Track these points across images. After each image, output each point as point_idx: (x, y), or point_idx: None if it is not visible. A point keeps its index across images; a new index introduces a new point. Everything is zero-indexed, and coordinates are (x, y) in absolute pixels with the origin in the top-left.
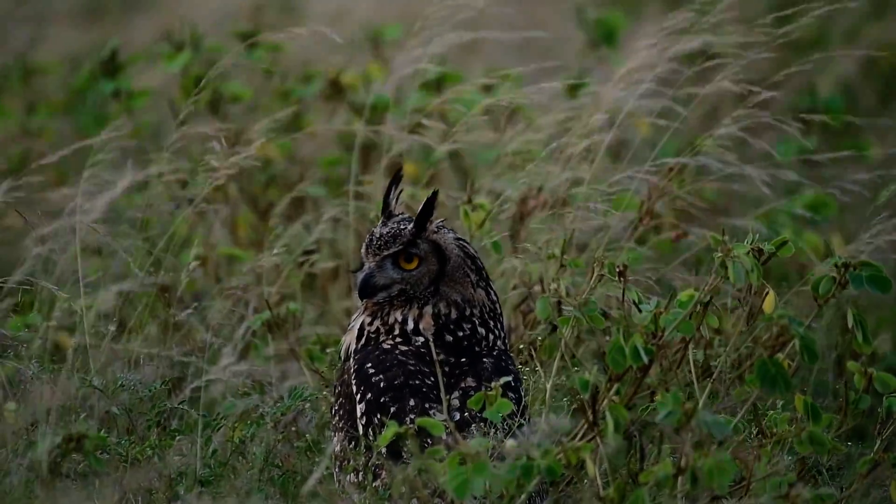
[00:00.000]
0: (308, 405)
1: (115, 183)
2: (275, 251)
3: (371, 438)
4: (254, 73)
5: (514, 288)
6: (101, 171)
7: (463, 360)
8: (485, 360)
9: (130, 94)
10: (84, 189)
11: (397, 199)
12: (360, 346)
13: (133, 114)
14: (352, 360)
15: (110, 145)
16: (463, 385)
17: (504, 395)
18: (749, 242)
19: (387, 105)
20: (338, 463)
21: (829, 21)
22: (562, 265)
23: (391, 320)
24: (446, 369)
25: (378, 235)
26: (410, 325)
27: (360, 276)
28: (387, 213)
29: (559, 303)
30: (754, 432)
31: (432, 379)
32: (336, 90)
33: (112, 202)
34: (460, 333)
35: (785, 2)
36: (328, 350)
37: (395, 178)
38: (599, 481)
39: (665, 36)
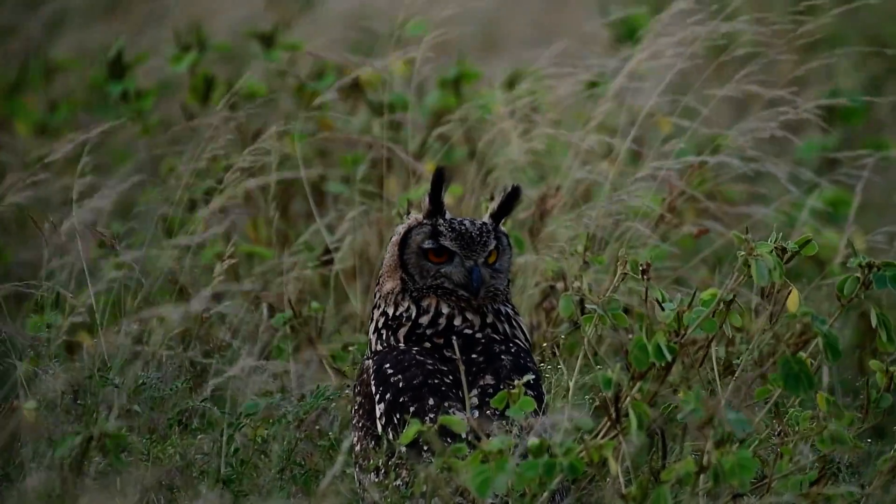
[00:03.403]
0: (331, 404)
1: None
2: (293, 251)
3: (391, 438)
4: (271, 74)
5: (537, 285)
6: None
7: (474, 356)
8: (503, 357)
9: (138, 94)
10: (97, 185)
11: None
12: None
13: (142, 114)
14: (370, 360)
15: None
16: (481, 383)
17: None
18: (773, 241)
19: (405, 104)
20: (358, 462)
21: (848, 19)
22: (585, 262)
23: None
24: (463, 367)
25: (477, 233)
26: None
27: (476, 273)
28: (441, 210)
29: (582, 301)
30: (776, 430)
31: (451, 378)
32: (355, 88)
33: (123, 198)
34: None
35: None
36: (350, 349)
37: (440, 175)
38: (622, 479)
39: (684, 31)
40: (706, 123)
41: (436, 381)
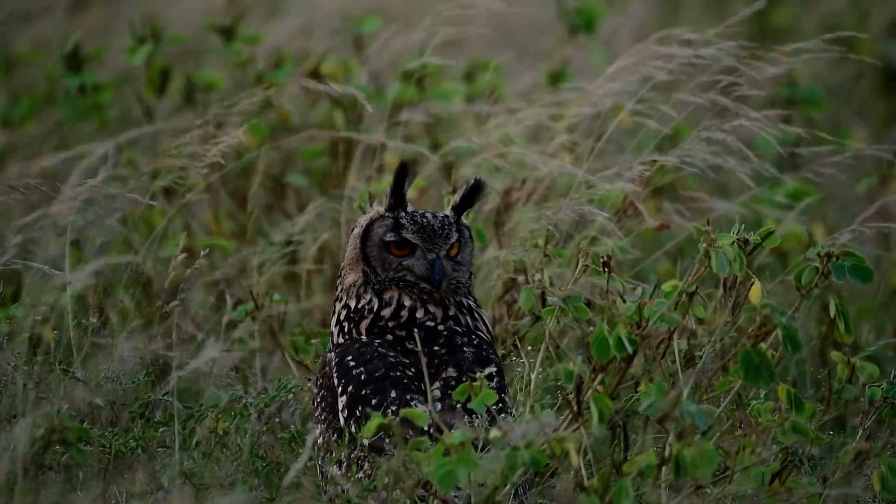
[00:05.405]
0: (292, 396)
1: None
2: (260, 247)
3: (353, 430)
4: (231, 68)
5: (499, 278)
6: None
7: (436, 348)
8: (465, 349)
9: (96, 88)
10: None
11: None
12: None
13: (100, 107)
14: (332, 353)
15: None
16: (444, 375)
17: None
18: (734, 232)
19: (367, 96)
20: (321, 455)
21: (805, 11)
22: (546, 255)
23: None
24: (425, 360)
25: (438, 226)
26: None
27: (438, 265)
28: (403, 203)
29: (543, 293)
30: (737, 422)
31: (413, 370)
32: (316, 80)
33: (89, 191)
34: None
35: None
36: (313, 341)
37: (404, 168)
38: (583, 472)
39: (651, 38)
40: (666, 119)
41: (398, 373)
